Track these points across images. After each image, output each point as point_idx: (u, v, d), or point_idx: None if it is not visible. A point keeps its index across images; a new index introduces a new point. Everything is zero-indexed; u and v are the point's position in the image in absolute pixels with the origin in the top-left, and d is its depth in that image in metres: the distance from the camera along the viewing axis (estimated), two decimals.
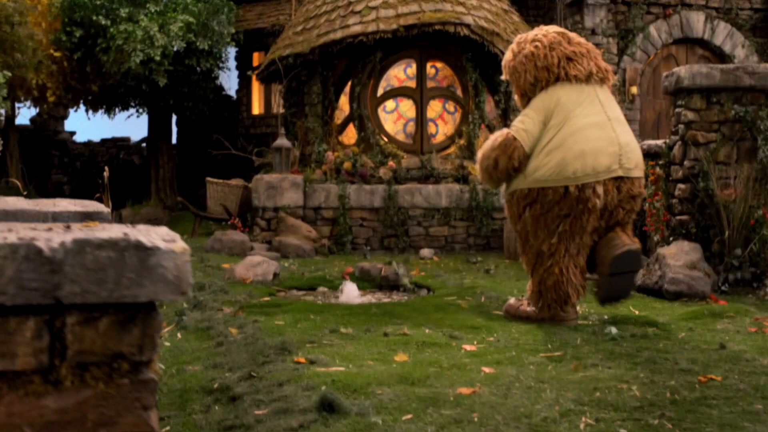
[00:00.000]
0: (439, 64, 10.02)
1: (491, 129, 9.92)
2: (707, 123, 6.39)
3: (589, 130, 4.70)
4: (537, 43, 4.86)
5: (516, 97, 5.17)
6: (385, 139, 9.89)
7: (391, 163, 9.55)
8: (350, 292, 6.26)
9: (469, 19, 9.32)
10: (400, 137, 10.04)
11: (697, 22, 11.06)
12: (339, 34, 9.44)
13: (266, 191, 9.17)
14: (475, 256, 8.93)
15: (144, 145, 15.24)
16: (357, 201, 9.31)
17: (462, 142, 9.89)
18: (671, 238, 6.59)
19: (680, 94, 6.50)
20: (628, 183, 4.73)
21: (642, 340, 4.40)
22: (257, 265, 6.66)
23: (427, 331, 4.56)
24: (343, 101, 10.21)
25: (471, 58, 9.80)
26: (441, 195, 9.38)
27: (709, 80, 6.27)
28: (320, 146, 9.86)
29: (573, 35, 5.06)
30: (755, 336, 4.55)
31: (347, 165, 9.51)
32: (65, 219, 2.40)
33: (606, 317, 5.09)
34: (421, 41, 9.72)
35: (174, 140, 13.91)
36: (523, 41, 5.01)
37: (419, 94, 9.96)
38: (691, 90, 6.38)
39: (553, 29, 5.07)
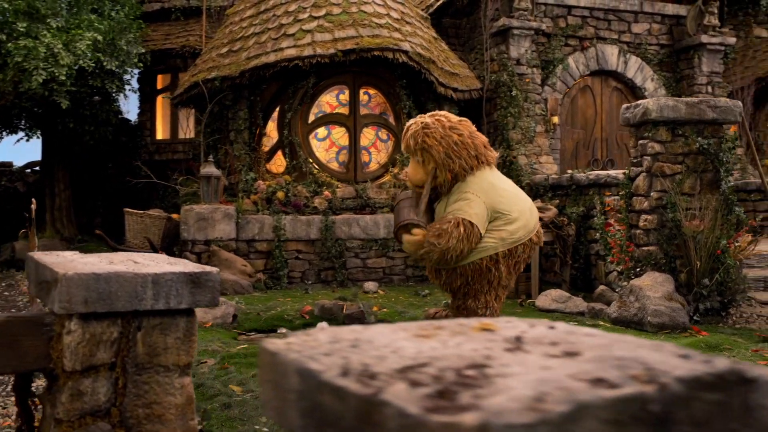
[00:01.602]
0: (372, 91, 9.77)
1: None
2: (672, 155, 6.49)
3: (522, 194, 5.62)
4: (459, 131, 5.29)
5: (428, 172, 5.36)
6: (317, 168, 9.48)
7: (326, 192, 9.15)
8: None
9: (406, 46, 9.13)
10: (333, 166, 9.68)
11: (612, 56, 11.46)
12: (272, 58, 8.98)
13: (196, 223, 8.51)
14: (420, 288, 8.68)
15: (29, 171, 13.96)
16: (293, 233, 8.84)
17: (396, 170, 9.65)
18: (638, 269, 6.62)
19: (645, 126, 6.57)
20: None
21: None
22: (216, 307, 6.06)
23: None
24: (271, 127, 9.73)
25: (405, 85, 9.61)
26: (379, 225, 9.08)
27: (676, 113, 6.37)
28: (247, 175, 9.31)
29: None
30: None
31: (280, 195, 9.03)
32: (168, 283, 1.91)
33: None
34: (355, 67, 9.43)
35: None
36: (441, 127, 5.31)
37: (352, 122, 9.65)
38: (657, 122, 6.46)
39: (453, 117, 5.44)
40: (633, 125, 6.77)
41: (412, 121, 5.54)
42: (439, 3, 11.58)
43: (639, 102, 6.60)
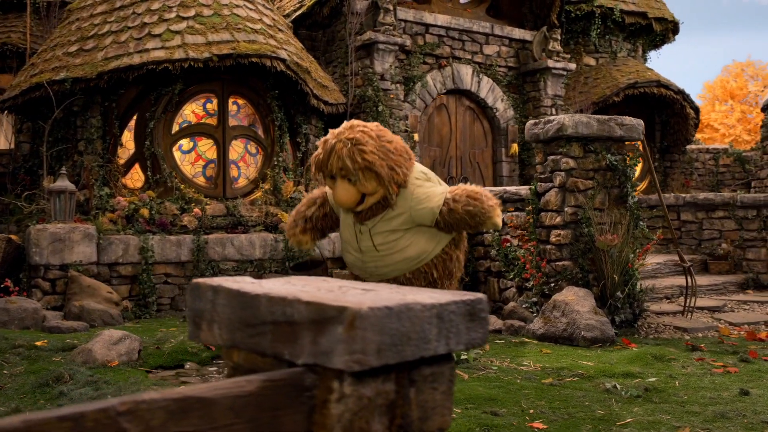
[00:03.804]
0: (241, 101, 9.07)
1: (290, 174, 9.20)
2: (584, 170, 6.60)
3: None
4: (388, 138, 4.89)
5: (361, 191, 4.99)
6: (183, 183, 8.61)
7: (196, 210, 8.32)
8: None
9: (284, 54, 8.60)
10: (200, 181, 8.84)
11: (466, 75, 11.68)
12: (137, 59, 8.02)
13: (51, 245, 7.32)
14: None
15: None
16: (161, 254, 7.91)
17: (267, 186, 9.02)
18: (551, 284, 6.63)
19: (558, 141, 6.63)
20: None
21: (662, 394, 4.23)
22: (119, 341, 5.16)
23: (457, 410, 3.84)
24: (128, 138, 8.70)
25: (277, 96, 9.05)
26: (254, 245, 8.40)
27: (589, 129, 6.49)
28: (101, 190, 8.23)
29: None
30: (733, 377, 4.67)
31: (144, 212, 8.07)
32: (451, 317, 1.39)
33: (582, 372, 4.83)
34: (225, 74, 8.72)
35: None
36: (371, 139, 4.96)
37: (221, 133, 8.89)
38: (571, 138, 6.54)
39: (369, 124, 5.20)
40: (542, 141, 6.80)
41: (332, 139, 5.01)
42: (297, 14, 11.15)
43: (552, 118, 6.65)
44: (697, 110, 13.15)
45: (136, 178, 8.73)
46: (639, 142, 6.98)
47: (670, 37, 13.95)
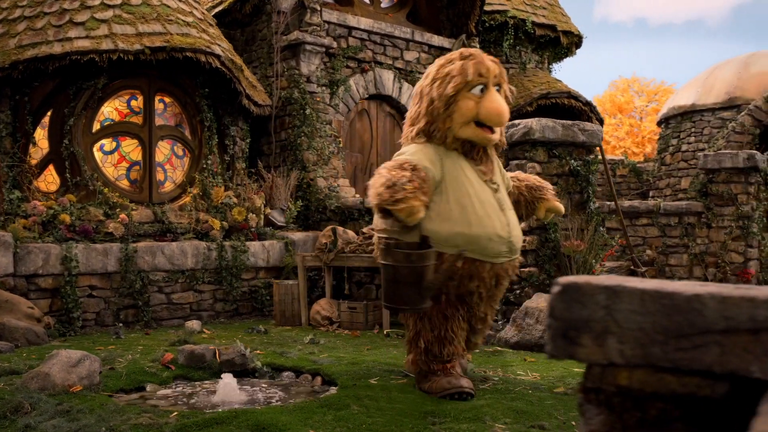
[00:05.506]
0: (167, 99, 8.43)
1: (218, 178, 8.67)
2: (548, 176, 6.56)
3: None
4: None
5: None
6: (105, 187, 7.88)
7: (123, 216, 7.63)
8: (230, 388, 4.70)
9: (218, 50, 8.07)
10: (123, 184, 8.13)
11: (388, 81, 11.50)
12: (58, 49, 7.25)
13: None
14: (244, 324, 7.65)
15: None
16: (86, 264, 7.18)
17: (195, 191, 8.44)
18: (516, 291, 6.55)
19: (524, 146, 6.56)
20: None
21: None
22: (78, 363, 4.53)
23: (501, 425, 3.58)
24: (41, 135, 7.86)
25: (207, 95, 8.50)
26: (187, 254, 7.82)
27: (554, 134, 6.46)
28: (12, 193, 7.39)
29: None
30: None
31: (65, 217, 7.31)
32: None
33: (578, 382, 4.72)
34: (153, 70, 8.08)
35: None
36: None
37: (147, 133, 8.22)
38: (537, 143, 6.48)
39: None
40: (507, 145, 6.71)
41: (475, 50, 4.12)
42: (216, 10, 10.58)
43: (517, 122, 6.58)
44: (602, 122, 13.64)
45: (50, 180, 7.91)
46: (597, 149, 7.04)
47: (573, 50, 14.40)
